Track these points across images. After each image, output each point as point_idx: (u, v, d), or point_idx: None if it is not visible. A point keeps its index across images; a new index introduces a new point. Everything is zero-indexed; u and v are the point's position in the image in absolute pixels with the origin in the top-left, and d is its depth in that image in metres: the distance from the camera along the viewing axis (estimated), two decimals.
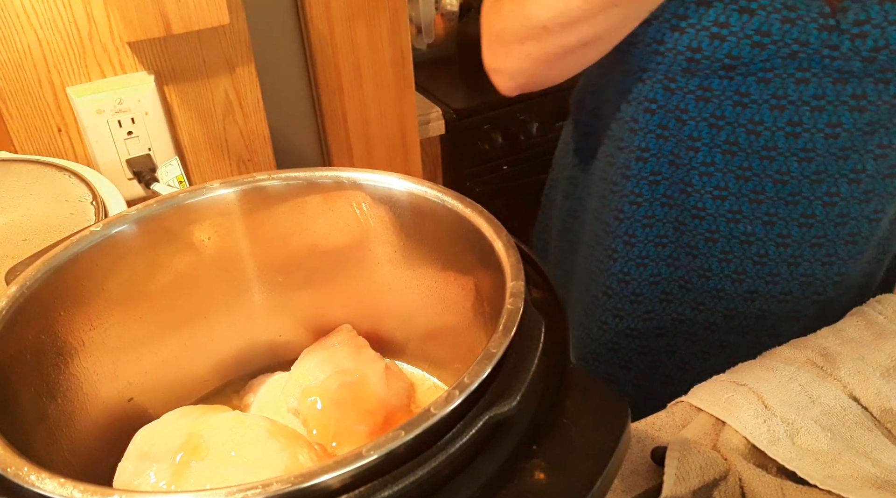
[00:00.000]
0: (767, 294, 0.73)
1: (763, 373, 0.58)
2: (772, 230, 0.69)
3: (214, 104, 0.97)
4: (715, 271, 0.73)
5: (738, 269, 0.72)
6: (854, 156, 0.64)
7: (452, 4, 1.62)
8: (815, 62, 0.60)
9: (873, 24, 0.58)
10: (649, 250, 0.75)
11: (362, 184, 0.46)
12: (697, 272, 0.74)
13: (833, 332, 0.63)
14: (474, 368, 0.31)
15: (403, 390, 0.49)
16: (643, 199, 0.72)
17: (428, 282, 0.47)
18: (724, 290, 0.74)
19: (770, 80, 0.62)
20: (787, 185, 0.66)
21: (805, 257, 0.70)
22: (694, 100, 0.66)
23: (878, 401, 0.55)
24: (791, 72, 0.61)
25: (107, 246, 0.42)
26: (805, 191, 0.66)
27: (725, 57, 0.61)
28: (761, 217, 0.69)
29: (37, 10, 0.82)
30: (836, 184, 0.66)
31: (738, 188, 0.68)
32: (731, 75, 0.63)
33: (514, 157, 1.49)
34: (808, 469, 0.50)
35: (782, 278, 0.72)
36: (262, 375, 0.52)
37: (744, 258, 0.72)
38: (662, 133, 0.69)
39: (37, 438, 0.37)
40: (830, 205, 0.67)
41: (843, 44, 0.59)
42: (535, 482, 0.29)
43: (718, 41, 0.61)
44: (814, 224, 0.68)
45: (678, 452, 0.50)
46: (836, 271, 0.71)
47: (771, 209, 0.68)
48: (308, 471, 0.27)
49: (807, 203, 0.67)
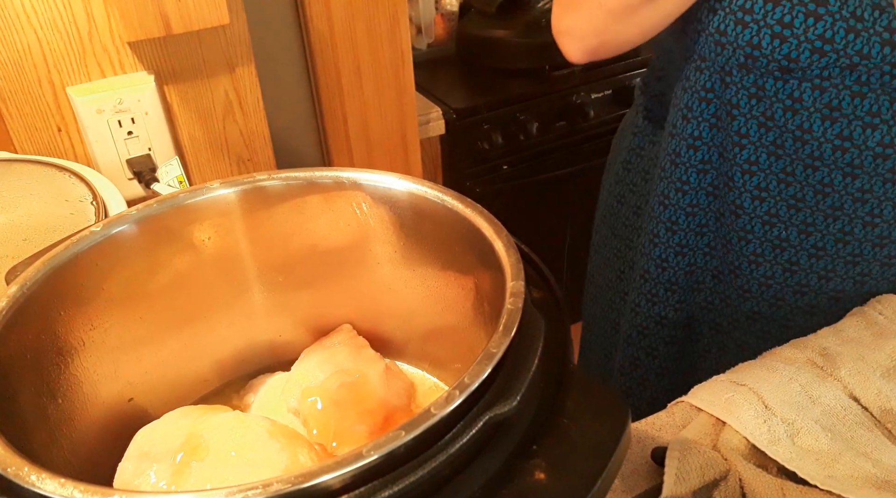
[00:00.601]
0: (794, 304, 0.72)
1: (763, 373, 0.58)
2: (807, 240, 0.68)
3: (214, 104, 0.97)
4: (744, 271, 0.73)
5: (768, 273, 0.72)
6: None
7: (452, 4, 1.62)
8: (874, 77, 0.59)
9: None
10: (689, 239, 0.75)
11: (362, 184, 0.46)
12: (729, 267, 0.74)
13: (833, 332, 0.63)
14: (474, 368, 0.31)
15: (403, 390, 0.49)
16: (689, 187, 0.72)
17: (428, 282, 0.47)
18: (751, 291, 0.73)
19: (825, 89, 0.61)
20: (829, 198, 0.65)
21: (838, 273, 0.69)
22: (747, 96, 0.65)
23: (879, 401, 0.55)
24: (848, 84, 0.60)
25: (107, 246, 0.42)
26: (847, 207, 0.65)
27: (783, 58, 0.60)
28: (798, 224, 0.68)
29: (37, 10, 0.82)
30: (880, 205, 0.64)
31: (779, 192, 0.67)
32: (787, 78, 0.62)
33: (514, 157, 1.49)
34: (809, 469, 0.50)
35: (811, 290, 0.71)
36: (262, 375, 0.52)
37: (774, 263, 0.71)
38: (716, 123, 0.68)
39: (37, 438, 0.37)
40: (871, 225, 0.66)
41: None
42: (535, 482, 0.29)
43: (779, 41, 0.60)
44: (851, 241, 0.67)
45: (678, 452, 0.50)
46: (868, 290, 0.70)
47: (808, 218, 0.67)
48: (308, 471, 0.27)
49: (847, 219, 0.66)
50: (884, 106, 0.60)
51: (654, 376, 0.85)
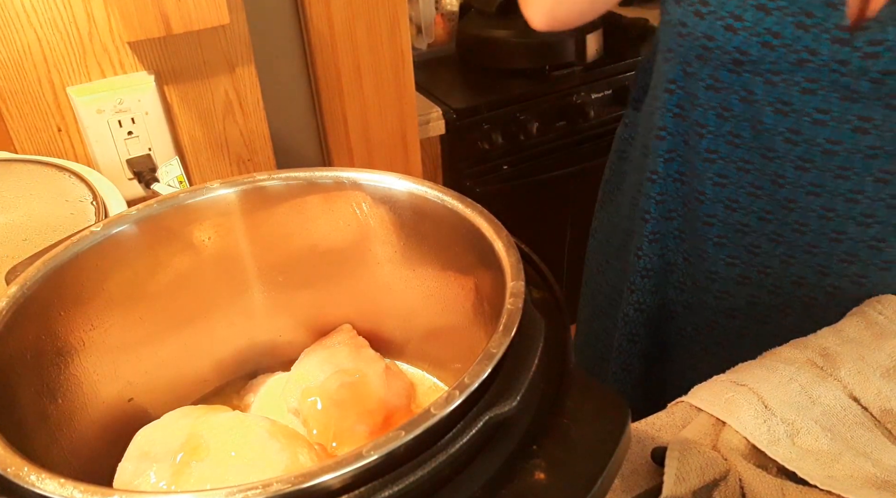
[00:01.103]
0: (759, 283, 0.73)
1: (763, 373, 0.58)
2: (766, 226, 0.69)
3: (214, 104, 0.97)
4: (710, 254, 0.74)
5: (732, 254, 0.73)
6: (853, 176, 0.63)
7: (452, 4, 1.62)
8: (823, 74, 0.59)
9: (887, 47, 0.56)
10: (660, 226, 0.77)
11: (362, 184, 0.46)
12: (696, 250, 0.76)
13: (833, 332, 0.63)
14: (474, 368, 0.31)
15: (403, 390, 0.49)
16: (658, 176, 0.74)
17: (428, 282, 0.47)
18: (718, 272, 0.75)
19: (776, 84, 0.62)
20: (784, 189, 0.66)
21: (798, 259, 0.70)
22: (704, 87, 0.66)
23: (879, 401, 0.55)
24: (798, 79, 0.60)
25: (107, 246, 0.42)
26: (800, 199, 0.66)
27: (735, 51, 0.61)
28: (757, 211, 0.69)
29: (37, 9, 0.82)
30: (832, 200, 0.65)
31: (738, 179, 0.68)
32: (740, 70, 0.63)
33: (514, 157, 1.49)
34: (809, 469, 0.50)
35: (774, 272, 0.72)
36: (262, 375, 0.52)
37: (738, 245, 0.72)
38: (680, 113, 0.70)
39: (37, 438, 0.37)
40: (826, 219, 0.66)
41: (854, 61, 0.57)
42: (535, 482, 0.29)
43: (731, 34, 0.61)
44: (807, 232, 0.68)
45: (678, 452, 0.50)
46: (829, 283, 0.70)
47: (767, 206, 0.68)
48: (308, 471, 0.27)
49: (801, 211, 0.67)
50: (833, 103, 0.60)
51: (637, 362, 0.87)
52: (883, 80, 0.57)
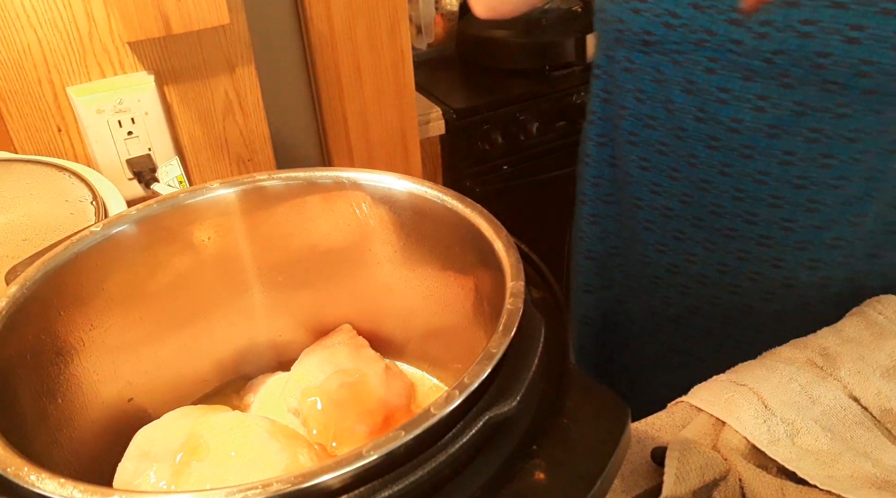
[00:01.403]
0: (686, 272, 0.75)
1: (763, 373, 0.58)
2: (687, 210, 0.70)
3: (214, 104, 0.97)
4: (641, 237, 0.76)
5: (660, 240, 0.75)
6: (758, 157, 0.64)
7: (452, 4, 1.62)
8: (722, 54, 0.61)
9: (776, 28, 0.57)
10: (599, 208, 0.80)
11: (362, 184, 0.46)
12: (630, 231, 0.78)
13: (833, 332, 0.63)
14: (474, 368, 0.31)
15: (403, 390, 0.49)
16: (592, 160, 0.78)
17: (428, 282, 0.47)
18: (649, 256, 0.77)
19: (681, 64, 0.63)
20: (698, 169, 0.67)
21: (719, 245, 0.71)
22: (622, 70, 0.69)
23: (879, 401, 0.55)
24: (699, 59, 0.62)
25: (107, 246, 0.42)
26: (714, 180, 0.67)
27: (642, 32, 0.63)
28: (678, 194, 0.70)
29: (37, 10, 0.82)
30: (741, 181, 0.65)
31: (658, 162, 0.70)
32: (649, 51, 0.65)
33: (514, 157, 1.49)
34: (809, 469, 0.50)
35: (698, 259, 0.73)
36: (262, 375, 0.52)
37: (665, 231, 0.74)
38: (606, 97, 0.73)
39: (37, 438, 0.37)
40: (738, 200, 0.67)
41: (747, 41, 0.59)
42: (535, 482, 0.29)
43: (637, 15, 0.63)
44: (724, 215, 0.68)
45: (678, 452, 0.50)
46: (750, 269, 0.70)
47: (685, 189, 0.69)
48: (308, 471, 0.27)
49: (716, 193, 0.67)
50: (733, 83, 0.61)
51: (588, 344, 0.90)
52: (773, 59, 0.59)
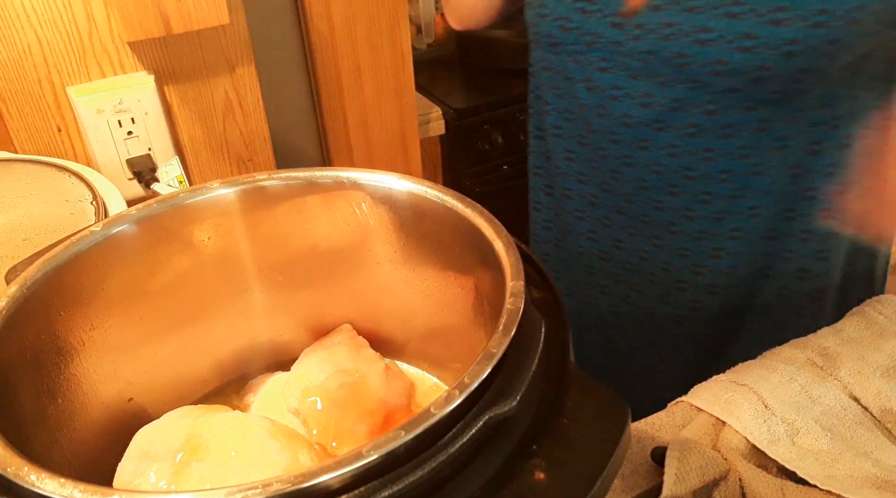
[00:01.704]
0: (615, 259, 0.77)
1: (763, 373, 0.58)
2: (610, 198, 0.74)
3: (214, 104, 0.97)
4: (573, 229, 0.80)
5: (591, 228, 0.78)
6: (651, 149, 0.68)
7: None
8: (611, 54, 0.65)
9: (646, 30, 0.62)
10: (539, 197, 0.84)
11: (362, 184, 0.46)
12: (567, 228, 0.81)
13: (833, 332, 0.63)
14: (474, 368, 0.31)
15: (403, 390, 0.49)
16: (532, 150, 0.82)
17: (428, 282, 0.47)
18: (583, 248, 0.80)
19: (581, 63, 0.68)
20: (609, 161, 0.71)
21: (638, 231, 0.74)
22: (542, 69, 0.74)
23: (879, 401, 0.55)
24: (594, 59, 0.67)
25: (107, 246, 0.42)
26: (622, 171, 0.71)
27: (549, 35, 0.69)
28: (600, 183, 0.74)
29: (37, 10, 0.82)
30: (643, 171, 0.69)
31: (580, 153, 0.74)
32: (557, 52, 0.70)
33: (514, 157, 1.49)
34: (809, 469, 0.50)
35: (624, 245, 0.76)
36: (262, 375, 0.52)
37: (594, 218, 0.77)
38: (538, 94, 0.77)
39: (37, 438, 0.37)
40: (643, 189, 0.71)
41: (626, 42, 0.64)
42: (535, 482, 0.29)
43: (542, 20, 0.69)
44: (635, 202, 0.72)
45: (678, 452, 0.50)
46: (663, 259, 0.73)
47: (604, 178, 0.73)
48: (308, 471, 0.27)
49: (626, 183, 0.71)
50: (623, 80, 0.66)
51: None
52: (647, 59, 0.63)
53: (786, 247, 0.69)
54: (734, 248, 0.70)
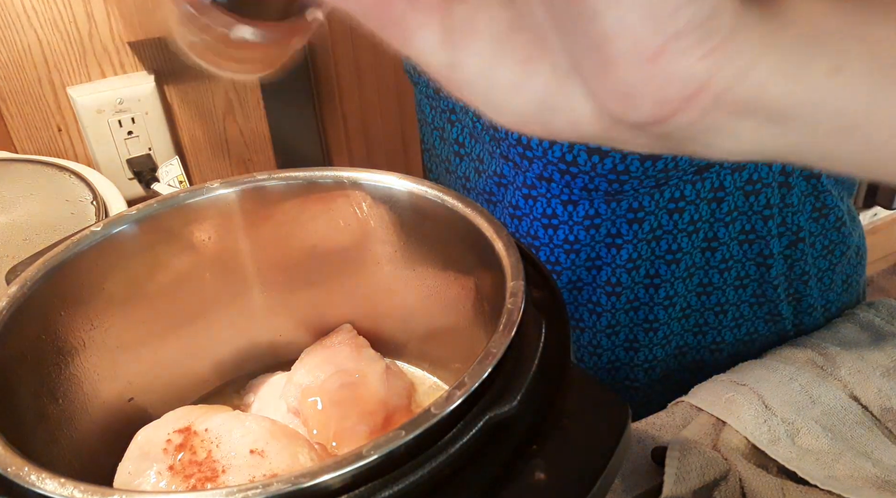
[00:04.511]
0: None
1: (763, 373, 0.58)
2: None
3: (214, 104, 0.97)
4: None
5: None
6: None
7: None
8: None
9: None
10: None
11: (362, 184, 0.46)
12: None
13: (831, 334, 0.64)
14: (474, 368, 0.31)
15: (403, 390, 0.49)
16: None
17: (428, 282, 0.47)
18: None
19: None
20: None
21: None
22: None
23: (879, 400, 0.55)
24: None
25: (107, 246, 0.42)
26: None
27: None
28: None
29: (37, 10, 0.82)
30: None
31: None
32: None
33: None
34: (809, 469, 0.50)
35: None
36: (262, 375, 0.52)
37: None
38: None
39: (37, 438, 0.37)
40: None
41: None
42: (535, 482, 0.29)
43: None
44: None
45: (678, 452, 0.50)
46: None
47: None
48: (308, 471, 0.27)
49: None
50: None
51: None
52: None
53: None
54: None
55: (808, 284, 0.66)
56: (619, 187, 0.57)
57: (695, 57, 0.19)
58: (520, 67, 0.21)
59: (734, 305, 0.65)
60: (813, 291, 0.66)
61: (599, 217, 0.60)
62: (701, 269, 0.63)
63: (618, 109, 0.21)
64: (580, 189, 0.59)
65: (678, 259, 0.62)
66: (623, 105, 0.20)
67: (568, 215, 0.61)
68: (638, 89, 0.20)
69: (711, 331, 0.66)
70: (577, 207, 0.60)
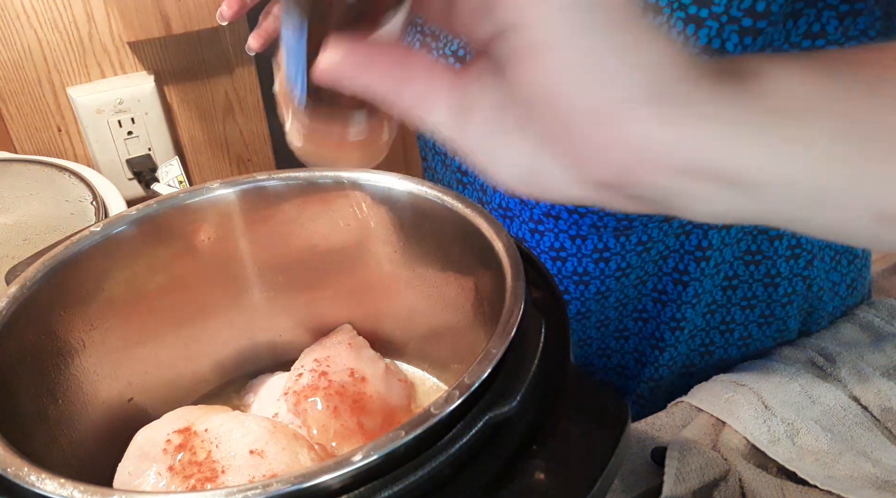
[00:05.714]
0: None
1: (763, 373, 0.58)
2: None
3: (214, 104, 0.97)
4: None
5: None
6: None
7: None
8: None
9: None
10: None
11: (362, 184, 0.46)
12: None
13: (831, 334, 0.64)
14: (474, 369, 0.31)
15: (403, 390, 0.49)
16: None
17: (428, 282, 0.47)
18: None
19: None
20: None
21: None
22: None
23: (879, 400, 0.55)
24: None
25: (107, 246, 0.42)
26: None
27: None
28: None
29: (37, 10, 0.82)
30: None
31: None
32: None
33: None
34: (809, 469, 0.50)
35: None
36: (262, 375, 0.52)
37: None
38: None
39: (37, 438, 0.37)
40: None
41: None
42: (535, 482, 0.29)
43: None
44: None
45: (678, 452, 0.50)
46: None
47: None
48: (308, 471, 0.27)
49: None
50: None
51: None
52: None
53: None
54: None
55: (823, 299, 0.65)
56: (628, 224, 0.57)
57: (651, 124, 0.20)
58: (511, 137, 0.24)
59: (741, 325, 0.64)
60: (826, 306, 0.66)
61: (609, 251, 0.59)
62: (708, 292, 0.62)
63: (583, 171, 0.23)
64: (589, 225, 0.58)
65: (686, 282, 0.61)
66: (588, 166, 0.22)
67: (577, 248, 0.60)
68: (596, 153, 0.22)
69: (718, 349, 0.65)
70: (586, 241, 0.59)
